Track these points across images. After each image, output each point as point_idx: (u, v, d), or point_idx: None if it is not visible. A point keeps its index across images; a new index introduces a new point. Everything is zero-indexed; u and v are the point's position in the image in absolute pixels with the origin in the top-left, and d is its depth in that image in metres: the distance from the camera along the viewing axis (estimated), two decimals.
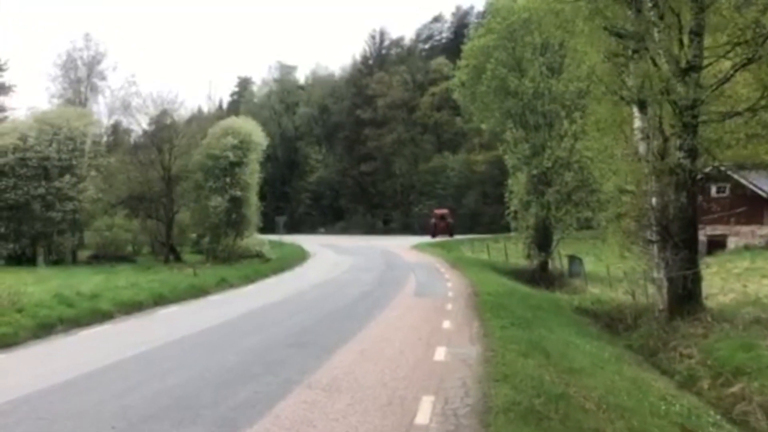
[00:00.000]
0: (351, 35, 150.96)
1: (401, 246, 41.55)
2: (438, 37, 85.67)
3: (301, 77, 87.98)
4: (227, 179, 30.27)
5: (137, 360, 9.02)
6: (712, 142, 13.65)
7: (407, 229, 65.25)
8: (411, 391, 7.31)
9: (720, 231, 32.63)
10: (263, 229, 36.12)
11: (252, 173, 31.88)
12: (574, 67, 24.94)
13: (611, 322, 16.82)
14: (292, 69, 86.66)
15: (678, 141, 13.78)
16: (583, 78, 23.04)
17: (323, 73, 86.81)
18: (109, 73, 53.14)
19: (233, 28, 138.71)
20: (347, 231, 67.05)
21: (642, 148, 15.01)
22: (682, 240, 14.18)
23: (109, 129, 43.50)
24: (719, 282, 22.12)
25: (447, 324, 12.68)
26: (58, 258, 30.44)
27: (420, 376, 8.16)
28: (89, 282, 18.30)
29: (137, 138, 40.08)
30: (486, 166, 60.78)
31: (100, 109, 46.44)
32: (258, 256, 31.31)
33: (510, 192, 30.35)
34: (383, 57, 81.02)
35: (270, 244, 34.37)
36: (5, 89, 48.37)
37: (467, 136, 64.57)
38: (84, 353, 9.60)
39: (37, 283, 17.58)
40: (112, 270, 25.08)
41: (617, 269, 22.73)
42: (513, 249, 34.82)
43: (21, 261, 28.75)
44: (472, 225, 60.39)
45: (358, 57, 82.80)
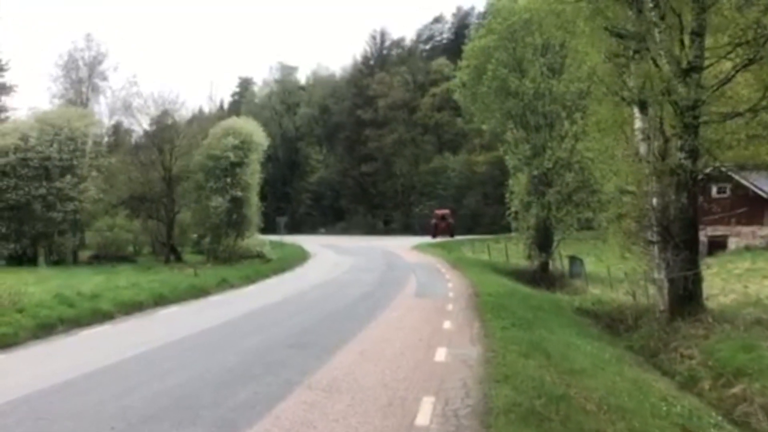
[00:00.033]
0: (352, 36, 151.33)
1: (402, 246, 41.54)
2: (439, 38, 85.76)
3: (302, 78, 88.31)
4: (228, 179, 30.28)
5: (137, 360, 9.01)
6: (713, 142, 13.63)
7: (408, 230, 65.30)
8: (411, 392, 7.30)
9: (721, 232, 32.59)
10: (264, 230, 36.14)
11: (253, 174, 31.90)
12: (574, 68, 24.95)
13: (612, 322, 16.81)
14: (293, 69, 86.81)
15: (679, 142, 13.77)
16: (584, 78, 23.06)
17: (324, 74, 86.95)
18: (111, 74, 53.01)
19: (234, 28, 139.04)
20: (348, 231, 67.07)
21: (643, 148, 14.99)
22: (682, 241, 14.16)
23: (110, 129, 43.55)
24: (720, 283, 22.11)
25: (448, 324, 12.68)
26: (59, 258, 30.47)
27: (420, 376, 8.15)
28: (90, 282, 18.31)
29: (138, 138, 40.17)
30: (487, 166, 60.82)
31: (101, 110, 46.60)
32: (259, 256, 31.32)
33: (511, 192, 30.36)
34: (384, 57, 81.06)
35: (271, 244, 34.39)
36: (6, 89, 48.43)
37: (468, 136, 64.58)
38: (84, 353, 9.59)
39: (38, 284, 17.59)
40: (112, 270, 25.09)
41: (618, 270, 22.74)
42: (514, 249, 34.82)
43: (22, 261, 28.77)
44: (472, 225, 60.40)
45: (358, 57, 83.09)
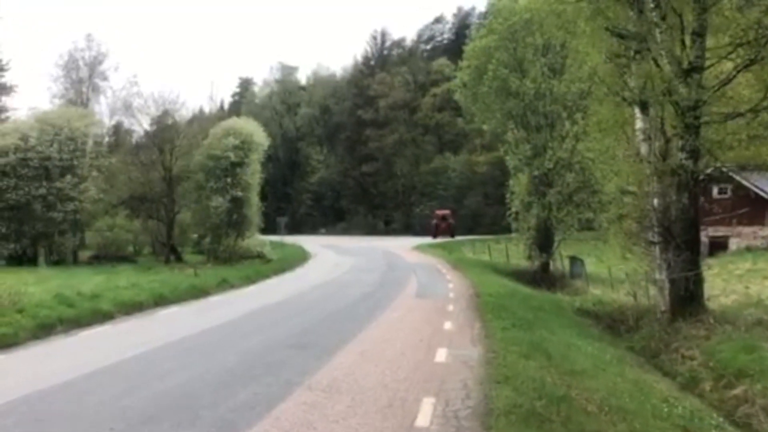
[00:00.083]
0: (352, 36, 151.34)
1: (402, 247, 41.53)
2: (439, 38, 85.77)
3: (303, 78, 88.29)
4: (228, 180, 30.27)
5: (137, 361, 8.99)
6: (714, 143, 13.61)
7: (408, 230, 65.31)
8: (412, 393, 7.28)
9: (722, 232, 32.57)
10: (264, 230, 36.14)
11: (253, 174, 31.89)
12: (575, 68, 24.94)
13: (613, 323, 16.78)
14: (293, 69, 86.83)
15: (680, 142, 13.75)
16: (585, 79, 23.07)
17: (324, 74, 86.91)
18: (111, 74, 53.00)
19: (235, 28, 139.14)
20: (348, 232, 67.07)
21: (644, 149, 14.97)
22: (683, 241, 14.14)
23: (111, 129, 43.60)
24: (721, 283, 22.08)
25: (448, 325, 12.65)
26: (59, 258, 30.47)
27: (421, 377, 8.12)
28: (90, 282, 18.29)
29: (138, 138, 40.19)
30: (487, 167, 60.83)
31: (101, 110, 46.65)
32: (259, 256, 31.31)
33: (511, 193, 30.36)
34: (385, 58, 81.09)
35: (271, 244, 34.38)
36: (7, 89, 48.44)
37: (468, 136, 64.59)
38: (84, 354, 9.57)
39: (38, 284, 17.57)
40: (112, 270, 25.09)
41: (619, 270, 22.70)
42: (514, 250, 34.80)
43: (22, 261, 28.77)
44: (473, 226, 60.39)
45: (359, 58, 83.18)
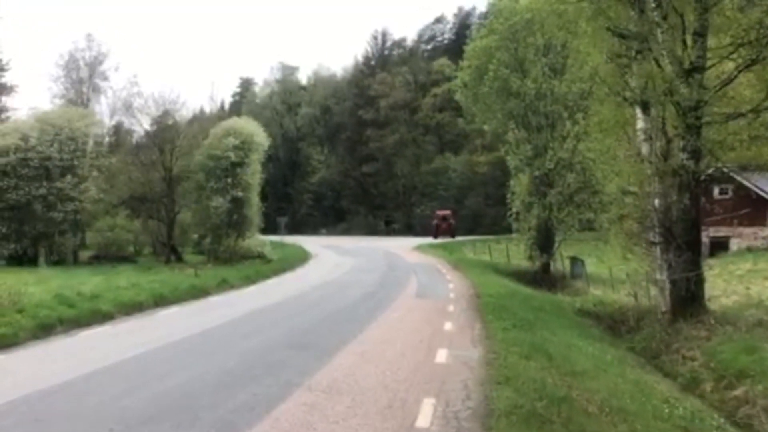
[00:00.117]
0: (353, 36, 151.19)
1: (403, 247, 41.50)
2: (440, 38, 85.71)
3: (303, 78, 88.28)
4: (229, 180, 30.25)
5: (137, 361, 8.97)
6: (715, 143, 13.59)
7: (409, 231, 65.30)
8: (412, 394, 7.26)
9: (723, 233, 32.54)
10: (265, 230, 36.12)
11: (253, 174, 31.86)
12: (576, 68, 24.91)
13: (614, 324, 16.77)
14: (294, 69, 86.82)
15: (681, 142, 13.73)
16: (586, 79, 23.04)
17: (325, 74, 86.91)
18: (111, 74, 53.15)
19: (235, 28, 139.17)
20: (349, 232, 67.06)
21: (645, 149, 14.95)
22: (684, 242, 14.11)
23: (111, 129, 43.63)
24: (722, 284, 22.04)
25: (448, 326, 12.63)
26: (59, 258, 30.45)
27: (421, 378, 8.10)
28: (90, 282, 18.26)
29: (139, 138, 40.21)
30: (488, 167, 60.80)
31: (102, 110, 46.61)
32: (259, 256, 31.27)
33: (512, 193, 30.35)
34: (385, 58, 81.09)
35: (271, 244, 34.33)
36: (7, 89, 48.40)
37: (469, 137, 64.56)
38: (83, 354, 9.54)
39: (38, 284, 17.54)
40: (113, 270, 25.06)
41: (619, 271, 22.69)
42: (515, 250, 34.79)
43: (22, 261, 28.76)
44: (473, 226, 60.37)
45: (360, 58, 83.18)
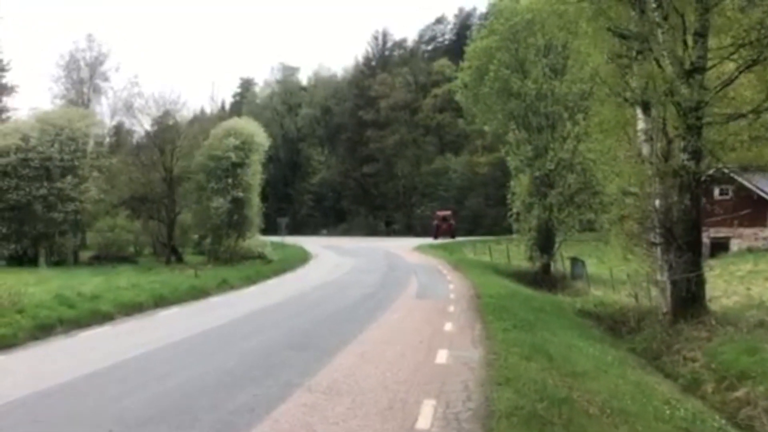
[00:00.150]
0: (353, 36, 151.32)
1: (403, 247, 41.47)
2: (441, 39, 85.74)
3: (304, 78, 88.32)
4: (229, 180, 30.25)
5: (136, 362, 8.95)
6: (716, 144, 13.56)
7: (409, 231, 65.30)
8: (412, 395, 7.23)
9: (723, 233, 32.50)
10: (265, 231, 36.10)
11: (254, 174, 31.87)
12: (577, 69, 24.90)
13: (614, 324, 16.75)
14: (294, 70, 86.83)
15: (682, 143, 13.71)
16: (587, 79, 23.01)
17: (326, 75, 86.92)
18: (112, 74, 53.20)
19: (236, 29, 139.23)
20: (349, 233, 67.04)
21: (645, 149, 14.93)
22: (685, 242, 14.09)
23: (112, 130, 43.63)
24: (722, 285, 22.02)
25: (449, 326, 12.60)
26: (59, 259, 30.49)
27: (421, 379, 8.07)
28: (90, 283, 18.26)
29: (139, 139, 40.24)
30: (488, 167, 60.79)
31: (102, 110, 46.54)
32: (260, 257, 31.28)
33: (512, 194, 30.33)
34: (386, 58, 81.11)
35: (272, 245, 34.32)
36: (8, 89, 48.51)
37: (470, 137, 64.54)
38: (83, 355, 9.52)
39: (38, 284, 17.54)
40: (113, 271, 25.06)
41: (620, 272, 22.69)
42: (515, 251, 34.78)
43: (23, 262, 28.79)
44: (474, 227, 60.36)
45: (360, 58, 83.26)
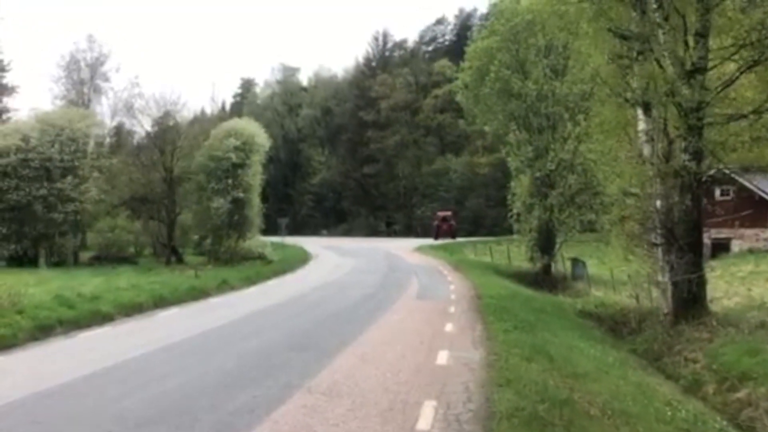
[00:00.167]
0: (354, 37, 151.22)
1: (404, 248, 41.46)
2: (441, 40, 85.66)
3: (304, 79, 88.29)
4: (229, 181, 30.24)
5: (136, 362, 8.93)
6: (717, 144, 13.55)
7: (410, 232, 65.29)
8: (413, 396, 7.21)
9: (724, 234, 32.45)
10: (265, 231, 36.08)
11: (254, 175, 31.86)
12: (577, 69, 24.87)
13: (615, 325, 16.74)
14: (294, 71, 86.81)
15: (683, 143, 13.69)
16: (587, 80, 22.99)
17: (326, 75, 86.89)
18: (113, 75, 53.12)
19: (236, 29, 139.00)
20: (350, 233, 67.03)
21: (646, 150, 14.91)
22: (686, 243, 14.06)
23: (112, 130, 43.63)
24: (724, 286, 21.97)
25: (449, 327, 12.59)
26: (59, 259, 30.48)
27: (422, 380, 8.05)
28: (90, 283, 18.25)
29: (140, 139, 40.21)
30: (489, 168, 60.75)
31: (103, 111, 46.45)
32: (260, 257, 31.26)
33: (513, 194, 30.31)
34: (386, 59, 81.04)
35: (272, 245, 34.30)
36: (8, 90, 48.46)
37: (470, 138, 64.49)
38: (82, 355, 9.50)
39: (38, 285, 17.52)
40: (113, 271, 25.04)
41: (621, 272, 22.66)
42: (516, 252, 34.76)
43: (23, 262, 28.76)
44: (474, 227, 60.33)
45: (361, 59, 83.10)
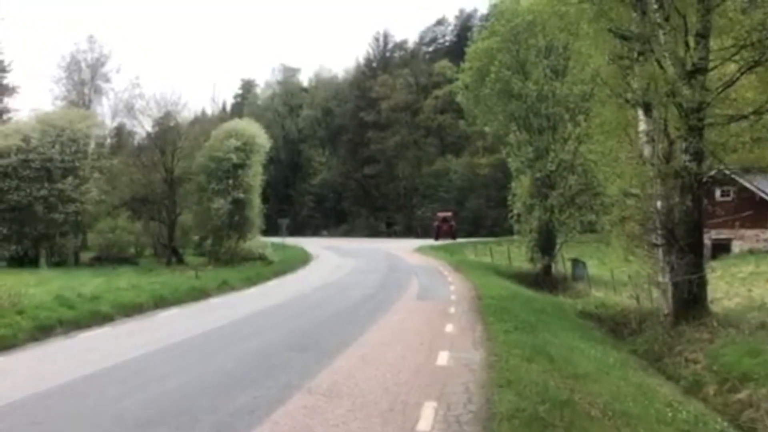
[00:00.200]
0: (354, 38, 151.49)
1: (404, 249, 41.45)
2: (441, 40, 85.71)
3: (305, 80, 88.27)
4: (230, 181, 30.24)
5: (136, 363, 8.92)
6: (717, 145, 13.53)
7: (410, 232, 65.27)
8: (413, 397, 7.19)
9: (725, 235, 32.43)
10: (266, 232, 36.08)
11: (255, 175, 31.86)
12: (578, 70, 24.84)
13: (616, 326, 16.72)
14: (295, 71, 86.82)
15: (683, 144, 13.67)
16: (588, 80, 22.96)
17: (327, 76, 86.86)
18: (113, 75, 53.10)
19: (237, 30, 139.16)
20: (350, 234, 67.03)
21: (647, 151, 14.89)
22: (687, 244, 14.04)
23: (113, 131, 43.62)
24: (724, 286, 21.97)
25: (450, 328, 12.57)
26: (60, 260, 30.51)
27: (422, 381, 8.04)
28: (90, 284, 18.26)
29: (140, 140, 40.19)
30: (489, 169, 60.73)
31: (103, 111, 46.38)
32: (260, 258, 31.26)
33: (513, 195, 30.29)
34: (387, 60, 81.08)
35: (272, 246, 34.29)
36: (9, 90, 48.47)
37: (470, 139, 64.47)
38: (82, 356, 9.49)
39: (39, 285, 17.53)
40: (113, 272, 25.04)
41: (621, 273, 22.65)
42: (516, 252, 34.73)
43: (23, 262, 28.77)
44: (475, 228, 60.33)
45: (361, 59, 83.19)
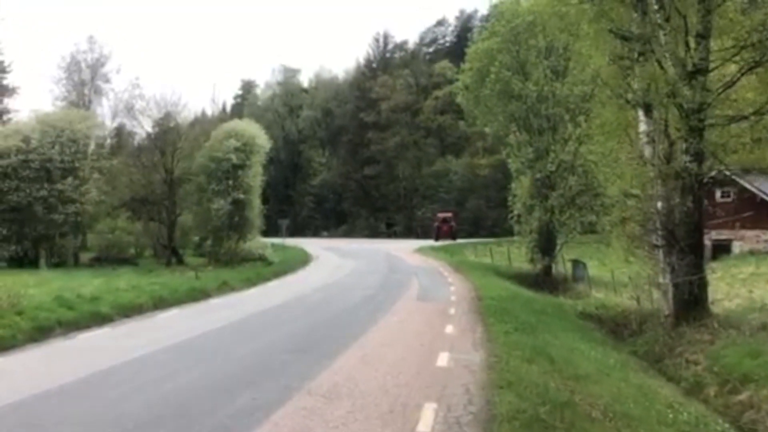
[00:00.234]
0: (354, 38, 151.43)
1: (404, 249, 41.44)
2: (442, 41, 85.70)
3: (305, 80, 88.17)
4: (230, 182, 30.25)
5: (135, 364, 8.89)
6: (718, 146, 13.53)
7: (410, 233, 65.24)
8: (413, 398, 7.17)
9: (725, 236, 32.38)
10: (266, 232, 36.09)
11: (255, 176, 31.87)
12: (578, 71, 24.86)
13: (616, 327, 16.70)
14: (295, 72, 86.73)
15: (684, 145, 13.66)
16: (588, 81, 22.99)
17: (327, 76, 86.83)
18: (113, 76, 52.96)
19: (237, 30, 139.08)
20: (350, 234, 67.03)
21: (647, 151, 14.88)
22: (687, 245, 14.02)
23: (113, 131, 43.50)
24: (725, 287, 21.93)
25: (450, 329, 12.55)
26: (60, 260, 30.46)
27: (422, 382, 8.02)
28: (90, 284, 18.21)
29: (140, 140, 40.10)
30: (489, 169, 60.73)
31: (103, 112, 46.23)
32: (260, 259, 31.26)
33: (513, 196, 30.28)
34: (387, 60, 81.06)
35: (272, 247, 34.32)
36: (9, 91, 48.43)
37: (470, 139, 64.49)
38: (81, 357, 9.47)
39: (38, 286, 17.49)
40: (113, 272, 25.00)
41: (622, 274, 22.63)
42: (516, 253, 34.72)
43: (23, 263, 28.73)
44: (475, 229, 60.32)
45: (361, 60, 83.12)
